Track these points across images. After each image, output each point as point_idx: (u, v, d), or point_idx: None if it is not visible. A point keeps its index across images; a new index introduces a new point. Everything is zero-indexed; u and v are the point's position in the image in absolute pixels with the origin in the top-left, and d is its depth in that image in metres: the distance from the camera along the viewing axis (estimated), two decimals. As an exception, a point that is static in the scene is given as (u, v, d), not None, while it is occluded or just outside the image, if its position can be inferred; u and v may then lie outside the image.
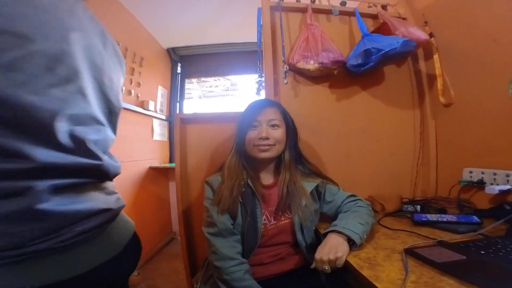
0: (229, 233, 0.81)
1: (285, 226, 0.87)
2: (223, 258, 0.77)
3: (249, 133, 0.86)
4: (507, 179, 0.90)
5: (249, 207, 0.82)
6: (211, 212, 0.83)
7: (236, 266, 0.76)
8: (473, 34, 1.04)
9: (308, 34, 1.18)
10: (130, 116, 2.15)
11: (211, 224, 0.82)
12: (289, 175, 0.88)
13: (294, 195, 0.85)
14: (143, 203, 2.27)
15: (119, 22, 2.04)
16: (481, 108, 1.02)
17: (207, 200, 0.86)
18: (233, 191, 0.82)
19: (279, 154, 0.89)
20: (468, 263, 0.53)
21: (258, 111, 0.87)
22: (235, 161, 0.89)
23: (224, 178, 0.86)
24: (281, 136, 0.87)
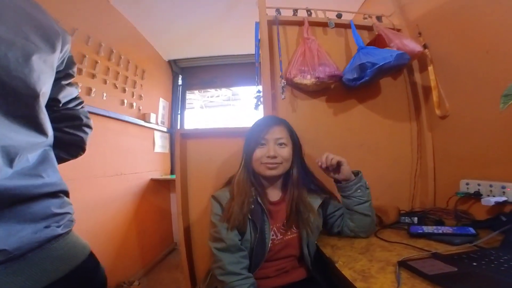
0: (236, 249, 0.81)
1: (291, 241, 0.88)
2: (228, 273, 0.78)
3: (257, 151, 0.88)
4: (503, 190, 0.90)
5: (259, 224, 0.83)
6: (219, 228, 0.83)
7: (240, 281, 0.77)
8: (466, 45, 1.06)
9: (305, 48, 1.21)
10: (132, 129, 2.19)
11: (218, 239, 0.82)
12: (297, 192, 0.89)
13: (301, 212, 0.87)
14: (144, 214, 2.29)
15: (120, 34, 2.09)
16: (476, 120, 1.04)
17: (215, 216, 0.86)
18: (243, 208, 0.83)
19: (286, 172, 0.91)
20: (459, 275, 0.54)
21: (265, 130, 0.89)
22: (243, 178, 0.89)
23: (234, 195, 0.86)
24: (288, 154, 0.88)
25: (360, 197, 0.87)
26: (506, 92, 0.66)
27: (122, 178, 2.01)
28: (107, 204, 1.83)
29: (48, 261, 0.41)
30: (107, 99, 1.84)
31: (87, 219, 1.61)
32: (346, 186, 0.88)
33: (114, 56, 1.93)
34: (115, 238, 1.91)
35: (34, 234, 0.40)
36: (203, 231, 1.22)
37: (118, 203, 1.96)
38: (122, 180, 2.00)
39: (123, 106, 2.07)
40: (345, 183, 0.88)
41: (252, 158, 0.89)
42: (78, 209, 0.53)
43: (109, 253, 1.83)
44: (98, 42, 1.77)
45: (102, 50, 1.79)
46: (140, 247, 2.23)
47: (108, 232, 1.82)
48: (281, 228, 0.88)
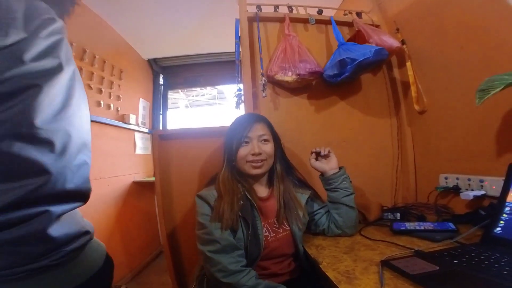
0: (232, 248, 0.78)
1: (284, 239, 0.86)
2: (231, 274, 0.74)
3: (241, 150, 0.87)
4: (481, 184, 0.92)
5: (250, 220, 0.81)
6: (210, 229, 0.79)
7: (246, 276, 0.74)
8: (441, 41, 1.08)
9: (286, 45, 1.19)
10: (110, 130, 2.10)
11: (211, 241, 0.78)
12: (283, 186, 0.91)
13: (290, 207, 0.88)
14: (127, 218, 2.21)
15: (93, 33, 1.99)
16: (453, 114, 1.06)
17: (203, 217, 0.82)
18: (233, 206, 0.80)
19: (270, 168, 0.92)
20: (440, 274, 0.54)
21: (248, 127, 0.88)
22: (228, 176, 0.88)
23: (222, 193, 0.83)
24: (272, 150, 0.89)
25: (346, 188, 0.89)
26: (481, 87, 0.66)
27: (102, 182, 1.93)
28: (87, 209, 1.69)
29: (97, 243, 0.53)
30: (81, 100, 1.75)
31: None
32: (332, 178, 0.90)
33: (87, 56, 1.84)
34: (97, 244, 1.83)
35: (90, 223, 0.52)
36: (189, 233, 1.19)
37: (98, 208, 1.87)
38: (101, 184, 1.92)
39: (99, 108, 1.98)
40: (332, 174, 0.90)
41: (236, 157, 0.88)
42: None
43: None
44: (69, 41, 1.66)
45: (73, 50, 1.69)
46: (126, 251, 2.15)
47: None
48: (273, 225, 0.87)
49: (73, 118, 0.45)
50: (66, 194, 0.43)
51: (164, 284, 2.01)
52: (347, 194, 0.89)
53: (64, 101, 0.44)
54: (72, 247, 0.44)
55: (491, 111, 0.88)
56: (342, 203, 0.88)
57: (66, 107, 0.44)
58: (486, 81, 0.67)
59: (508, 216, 0.67)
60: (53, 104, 0.41)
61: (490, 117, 0.89)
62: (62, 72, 0.44)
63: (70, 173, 0.43)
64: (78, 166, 0.45)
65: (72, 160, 0.44)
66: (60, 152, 0.42)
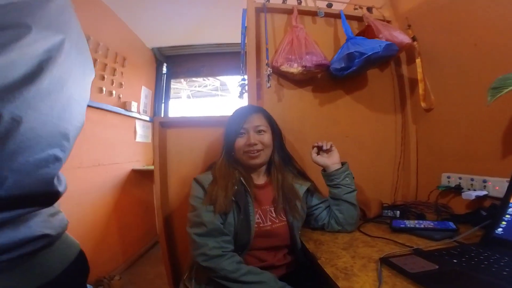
0: (218, 233, 0.77)
1: (280, 229, 0.86)
2: (212, 258, 0.74)
3: (238, 141, 0.88)
4: (484, 184, 0.91)
5: (242, 204, 0.81)
6: (199, 212, 0.79)
7: (227, 260, 0.74)
8: (454, 39, 1.05)
9: (293, 37, 1.17)
10: (111, 117, 2.09)
11: (198, 224, 0.78)
12: (281, 176, 0.91)
13: (289, 198, 0.88)
14: (125, 206, 2.22)
15: (101, 21, 1.98)
16: (460, 113, 1.04)
17: (196, 199, 0.82)
18: (227, 191, 0.81)
19: (268, 158, 0.92)
20: (439, 273, 0.53)
21: (243, 119, 0.89)
22: (226, 163, 0.89)
23: (217, 178, 0.84)
24: (268, 140, 0.89)
25: (348, 185, 0.89)
26: (494, 85, 0.64)
27: (100, 169, 1.92)
28: (84, 197, 1.75)
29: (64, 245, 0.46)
30: (83, 86, 1.73)
31: (63, 212, 1.53)
32: (335, 174, 0.89)
33: (91, 43, 1.82)
34: (94, 231, 1.84)
35: (61, 221, 0.44)
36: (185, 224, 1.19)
37: (96, 195, 1.88)
38: (100, 171, 1.92)
39: (101, 94, 1.96)
40: (334, 170, 0.89)
41: (234, 148, 0.89)
42: None
43: (87, 247, 1.75)
44: None
45: None
46: (122, 240, 2.16)
47: (85, 225, 1.75)
48: (269, 213, 0.86)
49: (37, 101, 0.34)
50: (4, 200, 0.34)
51: (159, 275, 2.02)
52: (349, 191, 0.88)
53: (26, 75, 0.33)
54: (11, 256, 0.37)
55: (499, 111, 0.86)
56: (344, 200, 0.88)
57: (26, 84, 0.33)
58: (499, 79, 0.65)
59: (511, 217, 0.66)
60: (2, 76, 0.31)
61: (498, 117, 0.87)
62: (27, 37, 0.33)
63: (13, 174, 0.32)
64: (37, 164, 0.35)
65: (22, 156, 0.33)
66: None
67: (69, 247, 0.47)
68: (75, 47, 0.41)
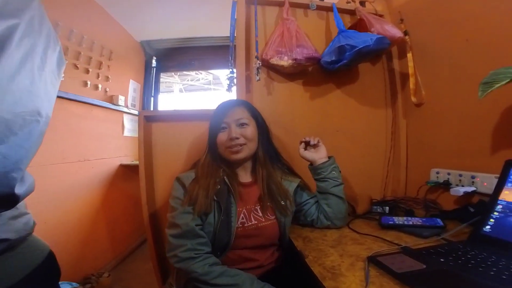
0: (193, 235, 0.75)
1: (268, 228, 0.83)
2: (183, 260, 0.72)
3: (219, 136, 0.85)
4: (472, 180, 0.91)
5: (223, 204, 0.79)
6: (177, 213, 0.77)
7: (199, 263, 0.72)
8: (446, 34, 1.04)
9: (284, 29, 1.14)
10: (97, 111, 2.02)
11: (174, 225, 0.77)
12: (266, 172, 0.87)
13: (275, 195, 0.85)
14: (113, 202, 2.17)
15: (84, 13, 1.90)
16: (450, 109, 1.03)
17: (175, 200, 0.80)
18: (209, 190, 0.78)
19: (252, 153, 0.88)
20: (427, 273, 0.52)
21: (224, 113, 0.86)
22: (210, 160, 0.86)
23: (198, 176, 0.81)
24: (251, 134, 0.86)
25: (335, 178, 0.88)
26: (485, 80, 0.63)
27: (86, 164, 1.87)
28: (69, 193, 1.70)
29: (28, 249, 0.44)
30: (65, 79, 1.67)
31: (45, 209, 1.49)
32: (322, 167, 0.88)
33: (74, 36, 1.75)
34: (80, 228, 1.79)
35: (25, 225, 0.42)
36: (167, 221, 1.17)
37: (82, 191, 1.83)
38: (86, 166, 1.86)
39: (86, 88, 1.89)
40: (320, 164, 0.88)
41: (216, 144, 0.86)
42: (34, 199, 0.48)
43: (74, 244, 1.72)
44: (54, 21, 1.57)
45: (59, 29, 1.60)
46: (110, 236, 2.12)
47: (71, 222, 1.70)
48: (254, 212, 0.84)
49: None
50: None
51: (149, 272, 1.97)
52: (336, 184, 0.87)
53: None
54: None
55: (489, 107, 0.86)
56: (331, 193, 0.87)
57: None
58: (490, 74, 0.64)
59: (499, 214, 0.66)
60: None
61: (488, 113, 0.87)
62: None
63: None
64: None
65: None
66: None
67: (34, 251, 0.45)
68: (33, 34, 0.37)
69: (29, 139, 0.37)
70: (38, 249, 0.45)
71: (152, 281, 1.74)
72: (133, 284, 1.88)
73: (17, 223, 0.41)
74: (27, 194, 0.40)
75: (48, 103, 0.41)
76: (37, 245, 0.46)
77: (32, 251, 0.44)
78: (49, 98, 0.42)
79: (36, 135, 0.39)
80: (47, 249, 0.47)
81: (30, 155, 0.38)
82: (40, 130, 0.39)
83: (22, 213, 0.43)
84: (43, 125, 0.40)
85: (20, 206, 0.42)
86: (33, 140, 0.38)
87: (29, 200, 0.46)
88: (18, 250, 0.41)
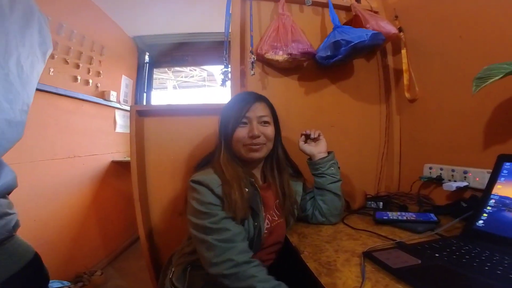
0: (243, 238, 0.70)
1: (278, 227, 0.82)
2: (240, 264, 0.64)
3: (238, 131, 0.78)
4: (465, 175, 0.91)
5: (258, 210, 0.75)
6: (218, 218, 0.69)
7: (256, 267, 0.65)
8: (440, 30, 1.05)
9: (279, 24, 1.13)
10: (87, 107, 1.98)
11: (220, 230, 0.68)
12: (286, 175, 0.86)
13: (288, 196, 0.84)
14: (105, 199, 2.14)
15: (74, 8, 1.84)
16: (443, 104, 1.04)
17: (208, 206, 0.70)
18: (243, 193, 0.72)
19: (268, 153, 0.84)
20: (422, 268, 0.52)
21: (246, 107, 0.78)
22: (229, 158, 0.79)
23: (227, 179, 0.73)
24: (272, 134, 0.81)
25: (333, 174, 0.86)
26: (479, 75, 0.63)
27: (76, 160, 1.83)
28: (59, 190, 1.66)
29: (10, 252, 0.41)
30: (54, 74, 1.63)
31: (34, 206, 1.45)
32: (320, 163, 0.86)
33: (64, 30, 1.70)
34: (70, 225, 1.76)
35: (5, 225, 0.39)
36: (165, 218, 1.15)
37: (72, 188, 1.79)
38: (76, 163, 1.82)
39: (76, 83, 1.85)
40: (319, 159, 0.87)
41: (232, 139, 0.78)
42: (23, 196, 0.44)
43: (64, 241, 1.69)
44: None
45: (49, 24, 1.54)
46: (102, 234, 2.09)
47: (61, 220, 1.67)
48: (272, 215, 0.82)
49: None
50: None
51: (142, 269, 1.95)
52: (333, 181, 0.86)
53: None
54: None
55: (482, 103, 0.86)
56: (328, 190, 0.85)
57: None
58: (484, 70, 0.64)
59: (492, 209, 0.66)
60: None
61: (480, 108, 0.88)
62: None
63: None
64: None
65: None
66: None
67: (11, 257, 0.41)
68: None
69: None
70: (16, 255, 0.42)
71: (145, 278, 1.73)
72: (126, 282, 1.86)
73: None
74: (1, 193, 0.37)
75: (22, 89, 0.37)
76: (16, 250, 0.42)
77: (8, 257, 0.40)
78: (23, 83, 0.38)
79: (4, 126, 0.35)
80: (29, 253, 0.44)
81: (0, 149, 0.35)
82: (7, 119, 0.35)
83: (2, 214, 0.39)
84: (17, 114, 0.36)
85: (0, 206, 0.39)
86: (2, 132, 0.35)
87: (17, 197, 0.44)
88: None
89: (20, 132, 0.38)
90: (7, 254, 0.40)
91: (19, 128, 0.38)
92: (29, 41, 0.39)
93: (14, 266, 0.40)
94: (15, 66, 0.36)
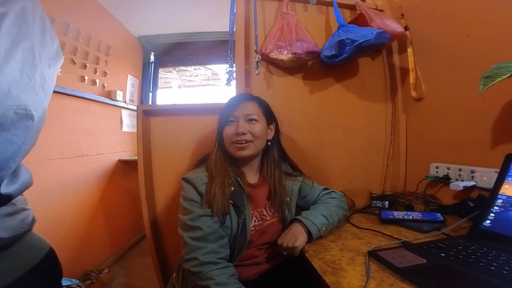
0: (215, 237, 0.72)
1: (272, 226, 0.83)
2: (203, 264, 0.69)
3: (226, 129, 0.82)
4: (472, 175, 0.90)
5: (241, 207, 0.77)
6: (195, 215, 0.73)
7: (219, 270, 0.68)
8: (447, 28, 1.03)
9: (283, 23, 1.13)
10: (94, 106, 2.01)
11: (194, 228, 0.72)
12: (278, 173, 0.87)
13: (281, 194, 0.84)
14: (112, 198, 2.17)
15: (80, 8, 1.87)
16: (450, 103, 1.03)
17: (190, 202, 0.75)
18: (225, 190, 0.75)
19: (258, 151, 0.86)
20: (427, 268, 0.52)
21: (234, 106, 0.83)
22: (220, 157, 0.83)
23: (213, 175, 0.77)
24: (259, 131, 0.82)
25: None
26: (487, 74, 0.63)
27: (84, 159, 1.86)
28: (67, 188, 1.69)
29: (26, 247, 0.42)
30: (62, 75, 1.65)
31: (43, 205, 1.48)
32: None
33: (71, 31, 1.73)
34: (79, 224, 1.79)
35: (22, 222, 0.41)
36: (172, 216, 1.16)
37: (80, 187, 1.82)
38: (83, 162, 1.85)
39: (83, 83, 1.88)
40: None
41: (222, 137, 0.83)
42: (32, 195, 0.46)
43: (72, 240, 1.72)
44: (51, 16, 1.55)
45: (56, 24, 1.59)
46: (109, 232, 2.12)
47: (69, 218, 1.70)
48: (261, 213, 0.83)
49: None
50: None
51: (148, 267, 1.99)
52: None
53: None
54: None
55: (489, 101, 0.85)
56: None
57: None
58: (492, 68, 0.63)
59: (499, 209, 0.66)
60: None
61: (487, 107, 0.86)
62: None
63: None
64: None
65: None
66: None
67: (31, 250, 0.43)
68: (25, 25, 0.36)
69: (23, 135, 0.36)
70: (35, 248, 0.44)
71: (152, 276, 1.75)
72: (133, 280, 1.89)
73: (13, 220, 0.39)
74: (21, 191, 0.39)
75: (44, 98, 0.40)
76: (34, 243, 0.44)
77: (29, 250, 0.42)
78: (45, 93, 0.40)
79: (31, 131, 0.37)
80: (46, 247, 0.46)
81: (22, 152, 0.36)
82: (35, 126, 0.38)
83: (20, 209, 0.41)
84: (39, 121, 0.38)
85: (18, 202, 0.40)
86: (27, 137, 0.36)
87: (27, 196, 0.46)
88: (13, 249, 0.39)
89: (37, 138, 0.40)
90: (27, 247, 0.42)
91: (38, 135, 0.40)
92: (47, 53, 0.41)
93: (33, 259, 0.42)
94: (39, 77, 0.39)
